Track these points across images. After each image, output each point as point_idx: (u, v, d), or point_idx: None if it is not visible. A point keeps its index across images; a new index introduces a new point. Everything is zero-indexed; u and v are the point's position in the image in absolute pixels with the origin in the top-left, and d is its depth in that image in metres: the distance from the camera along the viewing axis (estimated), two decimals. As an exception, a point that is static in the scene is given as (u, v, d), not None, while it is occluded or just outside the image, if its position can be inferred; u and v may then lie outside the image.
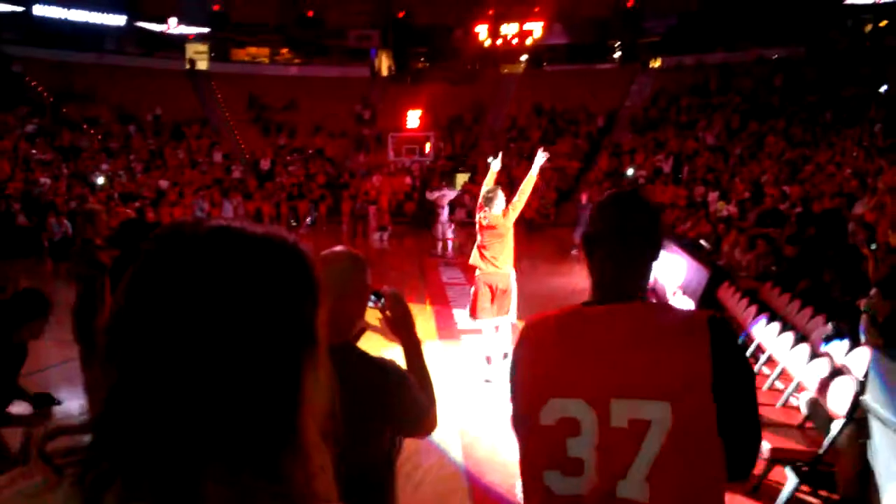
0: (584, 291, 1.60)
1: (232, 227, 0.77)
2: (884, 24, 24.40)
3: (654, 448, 1.33)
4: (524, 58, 30.80)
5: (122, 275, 0.75)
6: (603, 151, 23.75)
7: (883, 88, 20.10)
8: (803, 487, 3.85)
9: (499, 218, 6.17)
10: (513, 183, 17.89)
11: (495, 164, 6.66)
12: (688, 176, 18.96)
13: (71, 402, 3.75)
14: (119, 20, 27.93)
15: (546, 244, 15.98)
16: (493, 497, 4.24)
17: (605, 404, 1.39)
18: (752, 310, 6.62)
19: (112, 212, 8.65)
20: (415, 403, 1.85)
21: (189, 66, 29.28)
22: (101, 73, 25.89)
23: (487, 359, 6.49)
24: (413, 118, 25.80)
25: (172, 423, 0.68)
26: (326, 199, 22.16)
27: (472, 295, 6.51)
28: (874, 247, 7.04)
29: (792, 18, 24.46)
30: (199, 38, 29.86)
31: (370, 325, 1.95)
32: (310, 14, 31.06)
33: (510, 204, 6.22)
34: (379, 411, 1.76)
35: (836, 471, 3.63)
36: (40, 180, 18.04)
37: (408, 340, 1.97)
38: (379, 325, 1.96)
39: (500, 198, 6.21)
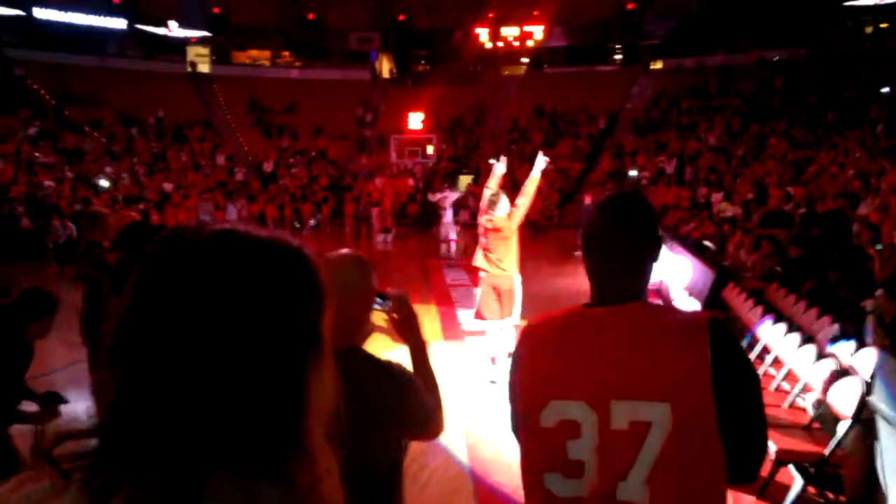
0: (587, 292, 1.59)
1: (236, 231, 0.77)
2: (884, 25, 24.40)
3: (654, 450, 1.32)
4: (525, 60, 30.83)
5: (127, 277, 0.76)
6: (605, 153, 23.77)
7: (885, 90, 20.09)
8: (810, 489, 3.84)
9: (503, 221, 6.18)
10: (515, 185, 17.91)
11: (499, 167, 6.62)
12: (691, 177, 18.95)
13: (77, 405, 3.74)
14: (120, 23, 28.00)
15: (549, 245, 15.98)
16: (499, 497, 4.24)
17: (606, 406, 1.38)
18: (757, 310, 6.60)
19: (116, 214, 8.67)
20: (421, 406, 1.83)
21: (190, 68, 29.36)
22: (102, 76, 25.98)
23: (492, 359, 6.49)
24: (414, 120, 25.84)
25: (178, 427, 0.69)
26: (329, 201, 22.18)
27: (477, 296, 6.55)
28: (879, 247, 7.03)
29: (792, 20, 24.46)
30: (200, 41, 29.93)
31: (377, 326, 1.94)
32: (310, 17, 31.11)
33: (514, 207, 6.22)
34: (385, 414, 1.75)
35: (843, 472, 3.62)
36: (44, 183, 18.10)
37: (414, 343, 1.96)
38: (386, 325, 1.95)
39: (503, 201, 6.21)
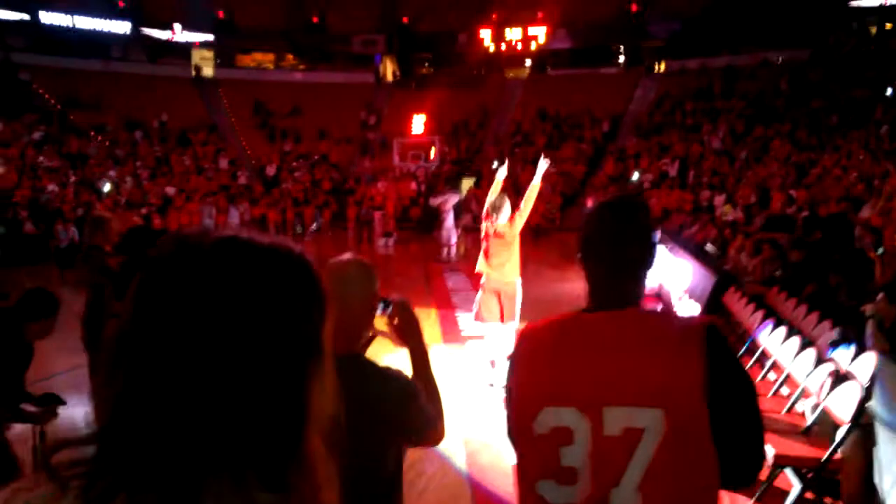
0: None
1: (239, 237, 0.77)
2: (889, 26, 24.31)
3: (647, 456, 1.32)
4: (528, 63, 30.78)
5: (129, 282, 0.76)
6: (608, 156, 23.69)
7: (889, 91, 19.99)
8: (808, 493, 3.83)
9: (506, 226, 6.23)
10: (518, 189, 17.89)
11: (501, 172, 6.72)
12: (693, 180, 18.90)
13: (77, 410, 3.76)
14: (125, 27, 28.04)
15: (551, 249, 15.94)
16: (497, 504, 4.23)
17: (598, 412, 1.38)
18: (758, 315, 6.58)
19: (119, 218, 8.69)
20: (421, 414, 1.82)
21: (195, 72, 29.41)
22: (107, 80, 26.02)
23: (492, 363, 6.49)
24: (418, 123, 25.81)
25: (177, 434, 0.69)
26: (331, 204, 22.17)
27: (477, 299, 6.57)
28: (881, 251, 7.00)
29: (796, 21, 24.38)
30: (204, 45, 29.97)
31: (380, 331, 1.94)
32: (314, 20, 31.13)
33: (516, 212, 6.25)
34: (386, 421, 1.75)
35: (841, 477, 3.61)
36: (47, 187, 18.12)
37: (416, 349, 1.95)
38: (388, 329, 1.96)
39: (506, 206, 6.26)
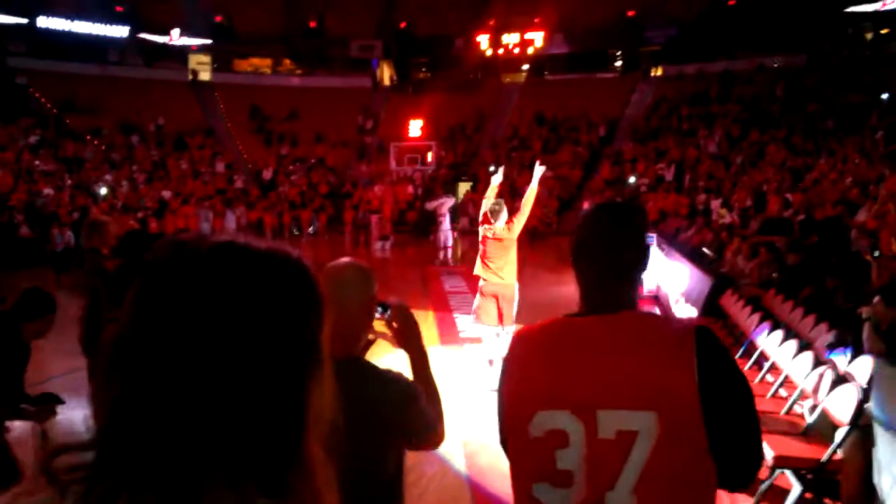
0: (583, 300, 1.60)
1: (235, 243, 0.77)
2: (885, 31, 24.43)
3: (642, 459, 1.32)
4: (525, 67, 30.86)
5: (125, 285, 0.76)
6: (604, 160, 23.77)
7: (884, 96, 20.08)
8: (807, 495, 3.84)
9: (504, 231, 6.30)
10: (515, 193, 17.90)
11: (496, 178, 6.78)
12: (689, 184, 18.94)
13: (75, 413, 3.75)
14: (122, 31, 28.04)
15: (548, 252, 15.95)
16: (497, 506, 4.23)
17: (592, 415, 1.38)
18: (755, 317, 6.60)
19: (116, 221, 8.69)
20: (422, 416, 1.82)
21: (192, 76, 29.43)
22: (104, 84, 26.02)
23: (489, 361, 6.52)
24: (415, 127, 25.84)
25: (176, 439, 0.68)
26: (328, 208, 22.17)
27: (476, 303, 6.63)
28: (877, 254, 7.02)
29: (792, 27, 24.50)
30: (201, 49, 29.99)
31: (380, 333, 1.93)
32: (312, 25, 31.17)
33: (514, 216, 6.30)
34: (386, 424, 1.74)
35: (840, 478, 3.62)
36: (43, 191, 18.10)
37: (415, 352, 1.95)
38: (387, 331, 1.95)
39: (504, 211, 6.34)
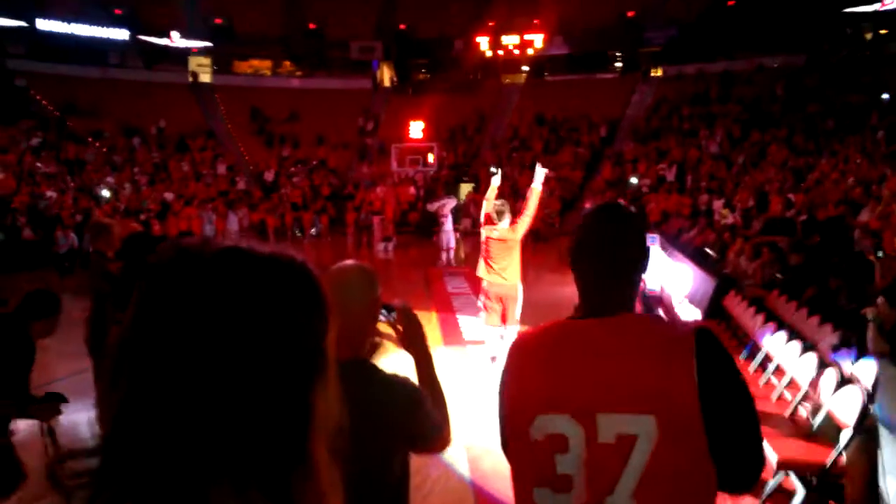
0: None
1: (240, 247, 0.77)
2: (884, 31, 24.43)
3: (641, 463, 1.31)
4: (525, 68, 30.88)
5: (128, 287, 0.76)
6: (606, 161, 23.77)
7: (885, 96, 20.08)
8: (812, 497, 3.82)
9: (508, 232, 6.31)
10: (515, 193, 17.90)
11: (496, 180, 6.82)
12: (691, 184, 18.94)
13: (80, 415, 3.75)
14: (122, 34, 28.10)
15: (551, 253, 15.95)
16: (500, 509, 4.22)
17: (592, 419, 1.37)
18: (759, 318, 6.59)
19: (120, 224, 8.72)
20: (427, 420, 1.81)
21: (192, 78, 29.47)
22: (105, 86, 26.08)
23: (492, 358, 6.53)
24: (415, 129, 25.86)
25: (180, 444, 0.68)
26: (330, 210, 22.19)
27: (480, 304, 6.67)
28: (881, 255, 7.01)
29: (792, 27, 24.51)
30: (201, 52, 30.04)
31: (385, 335, 1.92)
32: (312, 26, 31.23)
33: (518, 217, 6.31)
34: (391, 427, 1.73)
35: (845, 481, 3.60)
36: (46, 194, 18.13)
37: (419, 355, 1.94)
38: (392, 333, 1.94)
39: (507, 212, 6.35)
